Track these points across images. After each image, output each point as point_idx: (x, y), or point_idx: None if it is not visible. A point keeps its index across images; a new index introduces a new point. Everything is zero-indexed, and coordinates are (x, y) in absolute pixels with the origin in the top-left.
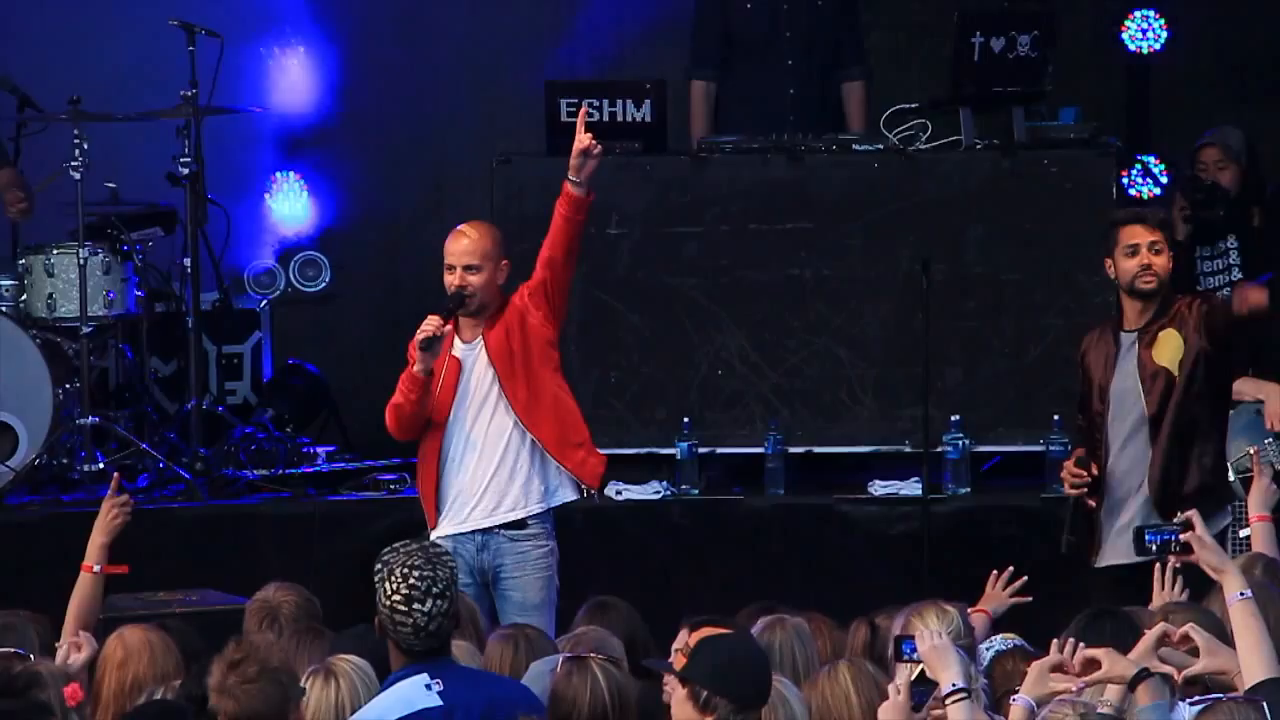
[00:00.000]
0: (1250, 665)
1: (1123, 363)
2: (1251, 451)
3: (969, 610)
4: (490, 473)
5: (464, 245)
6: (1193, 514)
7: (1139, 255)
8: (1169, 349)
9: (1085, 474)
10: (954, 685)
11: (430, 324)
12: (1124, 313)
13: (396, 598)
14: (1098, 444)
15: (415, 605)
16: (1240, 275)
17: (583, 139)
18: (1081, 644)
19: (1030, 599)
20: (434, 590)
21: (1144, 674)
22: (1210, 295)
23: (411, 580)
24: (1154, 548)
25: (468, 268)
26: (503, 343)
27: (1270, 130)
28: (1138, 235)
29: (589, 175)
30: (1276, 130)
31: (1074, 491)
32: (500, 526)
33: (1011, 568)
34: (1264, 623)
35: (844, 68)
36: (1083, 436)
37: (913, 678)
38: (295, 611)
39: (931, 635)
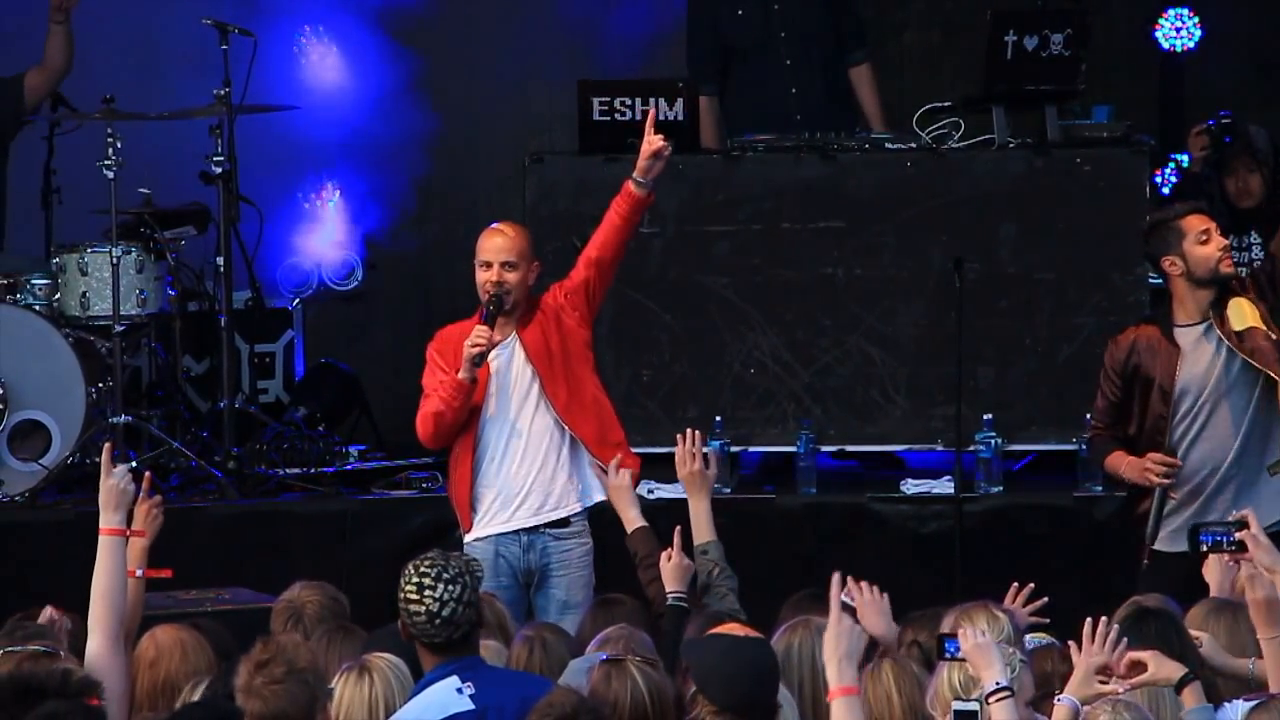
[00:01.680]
0: None
1: (1192, 355)
2: None
3: None
4: (535, 472)
5: (501, 243)
6: (1248, 513)
7: (1213, 240)
8: (1243, 314)
9: (1176, 463)
10: (997, 684)
11: (483, 336)
12: (1179, 308)
13: (409, 588)
14: (1157, 446)
15: (426, 592)
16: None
17: (655, 140)
18: (1124, 640)
19: (1048, 621)
20: (444, 577)
21: (1190, 677)
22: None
23: (423, 569)
24: (1205, 547)
25: (505, 264)
26: (541, 342)
27: None
28: (1205, 222)
29: (655, 176)
30: None
31: (1162, 481)
32: (545, 525)
33: (1032, 585)
34: None
35: (848, 54)
36: (1106, 445)
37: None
38: (320, 611)
39: (974, 633)
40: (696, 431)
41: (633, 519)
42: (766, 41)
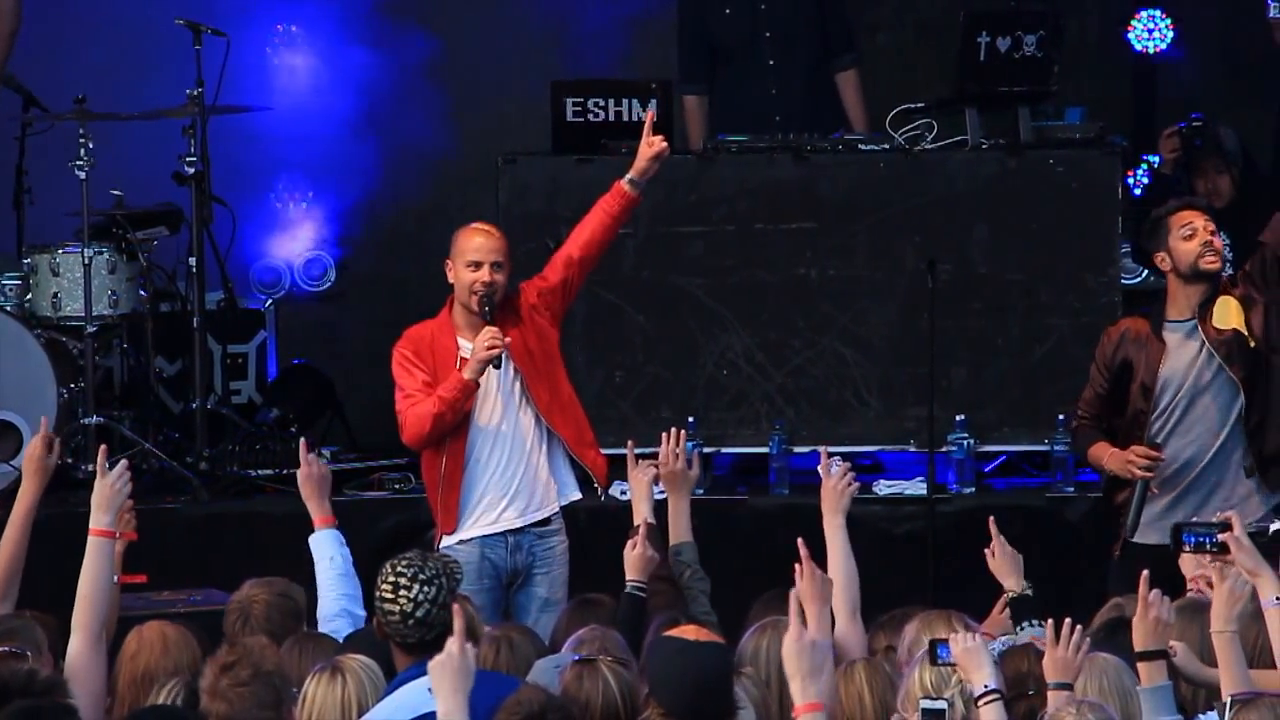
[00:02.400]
0: None
1: (1176, 351)
2: None
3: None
4: (520, 472)
5: (490, 242)
6: (1232, 515)
7: (1198, 235)
8: (1228, 313)
9: (1159, 456)
10: (986, 686)
11: (496, 339)
12: (1171, 304)
13: (385, 586)
14: (1136, 439)
15: (402, 592)
16: (1233, 271)
17: (656, 141)
18: (1087, 641)
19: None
20: (421, 577)
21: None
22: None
23: (399, 569)
24: (1188, 547)
25: (494, 264)
26: (521, 343)
27: (1276, 130)
28: (1194, 218)
29: (650, 178)
30: None
31: (1144, 474)
32: (530, 525)
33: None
34: None
35: (834, 58)
36: (1089, 435)
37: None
38: (266, 610)
39: (965, 638)
40: (680, 431)
41: (642, 512)
42: (751, 42)
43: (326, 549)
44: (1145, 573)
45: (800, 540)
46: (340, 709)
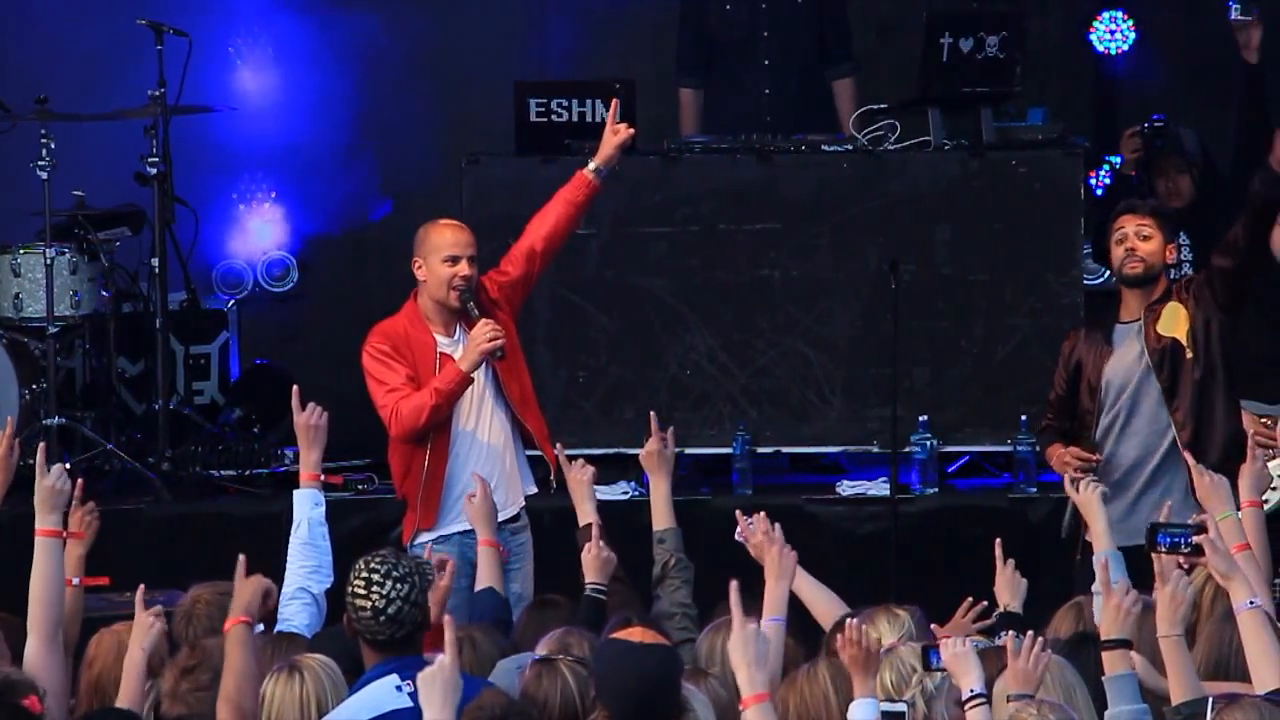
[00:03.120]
0: (1260, 673)
1: (1120, 352)
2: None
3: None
4: (497, 468)
5: (466, 238)
6: (1207, 517)
7: (1125, 241)
8: (1174, 321)
9: (1093, 458)
10: (973, 690)
11: (496, 331)
12: (1122, 306)
13: (358, 583)
14: (1085, 440)
15: (374, 589)
16: (1191, 273)
17: (621, 130)
18: (1047, 652)
19: (990, 623)
20: (394, 575)
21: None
22: (1207, 268)
23: (373, 565)
24: (1164, 549)
25: (471, 259)
26: None
27: (1236, 131)
28: (1126, 223)
29: (613, 166)
30: None
31: (1077, 475)
32: (504, 522)
33: (985, 602)
34: (1275, 632)
35: (832, 65)
36: (1049, 437)
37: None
38: (209, 610)
39: (955, 643)
40: (653, 414)
41: (587, 512)
42: (749, 40)
43: (298, 512)
44: (1104, 559)
45: (763, 514)
46: (299, 707)
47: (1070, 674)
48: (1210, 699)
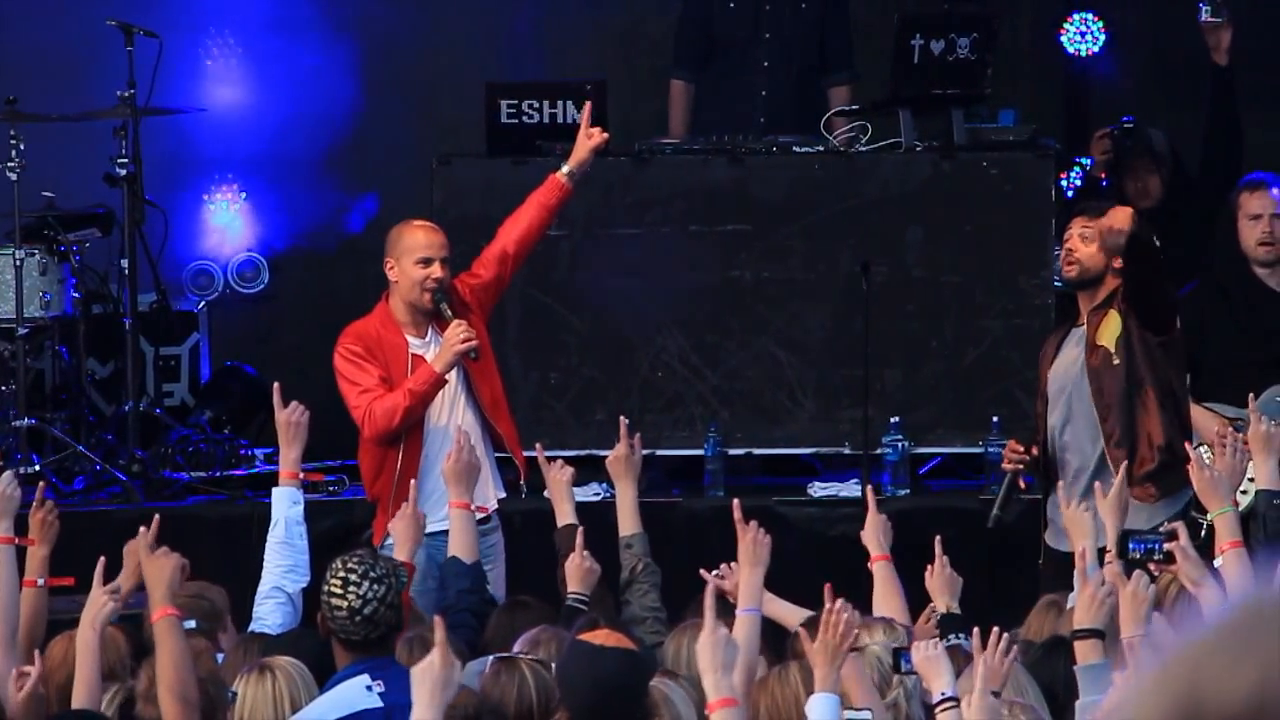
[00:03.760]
0: None
1: (1065, 352)
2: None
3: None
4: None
5: (439, 239)
6: (1178, 525)
7: (1068, 242)
8: (1109, 329)
9: (1024, 451)
10: (944, 694)
11: (469, 332)
12: (1079, 308)
13: (334, 582)
14: (1039, 439)
15: (351, 589)
16: None
17: (595, 134)
18: (1014, 650)
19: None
20: (371, 575)
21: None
22: None
23: (350, 565)
24: (1137, 555)
25: (444, 260)
26: None
27: (1206, 133)
28: (1072, 225)
29: (586, 169)
30: None
31: (1009, 467)
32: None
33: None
34: None
35: (830, 73)
36: (1025, 436)
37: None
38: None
39: (926, 646)
40: (623, 419)
41: (566, 513)
42: (750, 39)
43: (276, 510)
44: (1083, 549)
45: (736, 501)
46: (272, 704)
47: (1022, 675)
48: None
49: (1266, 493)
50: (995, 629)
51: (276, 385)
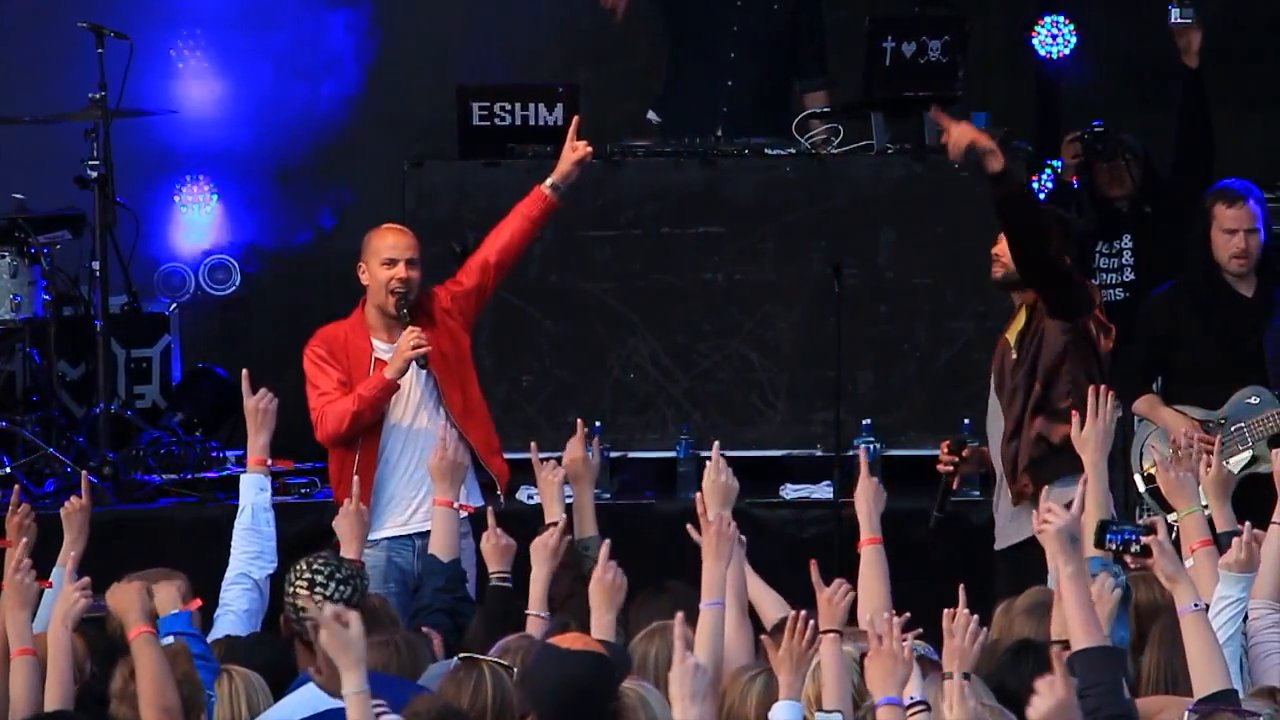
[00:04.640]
0: (1202, 676)
1: (998, 357)
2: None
3: None
4: (428, 477)
5: (405, 241)
6: (1157, 520)
7: (995, 247)
8: (1015, 325)
9: (951, 454)
10: (913, 697)
11: (421, 339)
12: None
13: (300, 583)
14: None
15: (317, 590)
16: (1133, 275)
17: (580, 147)
18: (984, 631)
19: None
20: (337, 576)
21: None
22: None
23: (315, 567)
24: (1114, 546)
25: (409, 262)
26: (435, 346)
27: (1177, 135)
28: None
29: (571, 182)
30: None
31: (942, 469)
32: None
33: (909, 614)
34: (1215, 635)
35: (805, 78)
36: None
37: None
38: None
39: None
40: (580, 422)
41: (554, 513)
42: (719, 29)
43: (244, 497)
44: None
45: (698, 495)
46: (229, 705)
47: (977, 682)
48: (1185, 711)
49: (1225, 534)
50: (963, 610)
51: (245, 372)
